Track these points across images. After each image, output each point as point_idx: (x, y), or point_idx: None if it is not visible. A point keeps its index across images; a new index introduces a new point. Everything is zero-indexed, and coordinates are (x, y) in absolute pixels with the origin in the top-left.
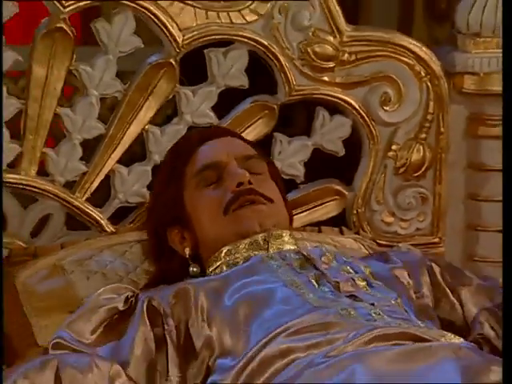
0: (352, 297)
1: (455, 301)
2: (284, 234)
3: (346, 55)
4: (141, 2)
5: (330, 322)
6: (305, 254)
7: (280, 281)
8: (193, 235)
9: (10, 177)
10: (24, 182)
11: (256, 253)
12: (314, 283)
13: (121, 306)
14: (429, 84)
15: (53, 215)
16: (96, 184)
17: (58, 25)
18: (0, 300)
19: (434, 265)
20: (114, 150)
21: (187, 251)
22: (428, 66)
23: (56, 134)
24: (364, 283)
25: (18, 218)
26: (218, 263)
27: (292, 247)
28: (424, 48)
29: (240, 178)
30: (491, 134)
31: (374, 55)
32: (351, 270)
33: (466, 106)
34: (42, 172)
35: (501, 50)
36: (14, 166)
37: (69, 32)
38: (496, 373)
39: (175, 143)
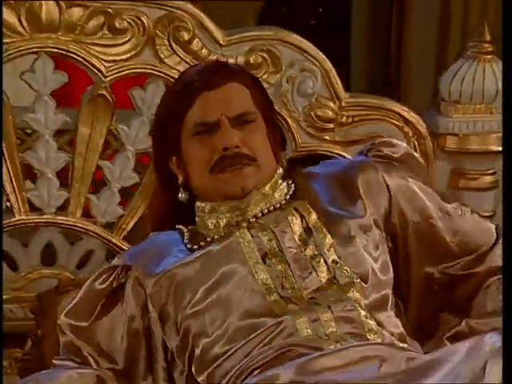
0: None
1: None
2: (259, 200)
3: (344, 118)
4: (170, 73)
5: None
6: (275, 245)
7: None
8: (185, 172)
9: (59, 218)
10: (71, 223)
11: (235, 218)
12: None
13: (114, 284)
14: (416, 143)
15: (95, 251)
16: (131, 225)
17: (100, 92)
18: (0, 300)
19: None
20: (147, 196)
21: (180, 179)
22: (415, 127)
23: (98, 183)
24: (325, 274)
25: (66, 253)
26: (203, 213)
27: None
28: (411, 112)
29: (227, 143)
30: (470, 186)
31: (368, 118)
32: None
33: (448, 163)
34: (86, 214)
35: (477, 115)
36: (63, 209)
37: (109, 98)
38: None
39: (178, 81)
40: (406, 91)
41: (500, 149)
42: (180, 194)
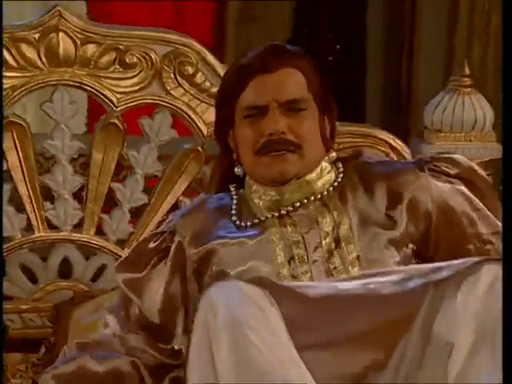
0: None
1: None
2: (300, 188)
3: (335, 145)
4: (175, 103)
5: None
6: (302, 252)
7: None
8: (237, 150)
9: (75, 235)
10: (85, 240)
11: (274, 204)
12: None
13: (163, 246)
14: None
15: (108, 265)
16: None
17: (112, 120)
18: (0, 304)
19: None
20: (155, 215)
21: (234, 155)
22: (400, 153)
23: (110, 203)
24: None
25: (81, 267)
26: (250, 189)
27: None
28: (397, 140)
29: (273, 128)
30: None
31: (357, 145)
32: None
33: None
34: (99, 232)
35: (457, 142)
36: (78, 227)
37: (120, 126)
38: None
39: (237, 62)
40: (416, 118)
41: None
42: (236, 168)
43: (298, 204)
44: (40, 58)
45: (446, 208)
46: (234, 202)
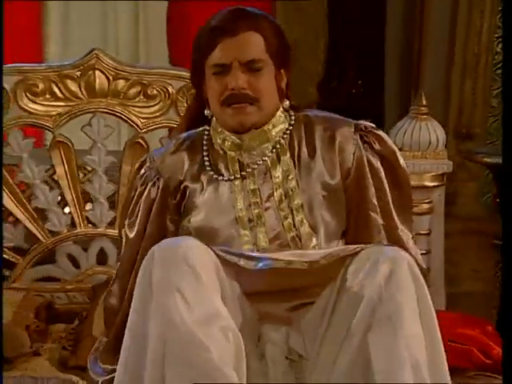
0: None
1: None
2: (257, 136)
3: None
4: None
5: None
6: (258, 200)
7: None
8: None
9: (109, 231)
10: (117, 234)
11: (232, 153)
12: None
13: (153, 195)
14: None
15: None
16: None
17: (137, 140)
18: (0, 301)
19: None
20: None
21: (206, 100)
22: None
23: None
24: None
25: (114, 256)
26: (215, 130)
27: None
28: None
29: (234, 84)
30: (420, 211)
31: None
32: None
33: None
34: None
35: (415, 160)
36: (111, 224)
37: (144, 144)
38: None
39: (209, 24)
40: None
41: (432, 184)
42: (206, 110)
43: (255, 152)
44: (81, 91)
45: (360, 170)
46: (205, 143)
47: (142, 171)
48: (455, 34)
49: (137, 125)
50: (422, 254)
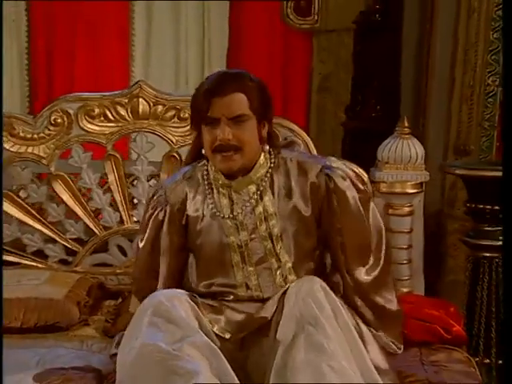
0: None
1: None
2: (243, 182)
3: None
4: None
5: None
6: (238, 222)
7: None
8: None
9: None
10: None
11: (223, 190)
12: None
13: (161, 217)
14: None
15: None
16: None
17: (173, 154)
18: (0, 301)
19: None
20: None
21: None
22: (359, 176)
23: None
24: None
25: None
26: (211, 168)
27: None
28: (359, 168)
29: (221, 136)
30: (396, 214)
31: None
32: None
33: (382, 199)
34: None
35: (398, 171)
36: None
37: (177, 157)
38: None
39: (203, 86)
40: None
41: (413, 191)
42: (203, 150)
43: (242, 192)
44: (128, 114)
45: (328, 203)
46: (205, 177)
47: (155, 197)
48: (454, 71)
49: (172, 141)
50: (404, 248)
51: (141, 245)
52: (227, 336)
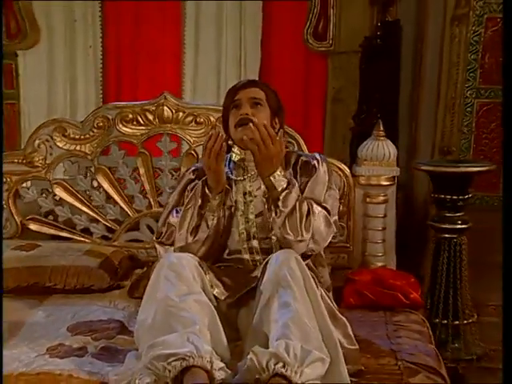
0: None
1: None
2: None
3: None
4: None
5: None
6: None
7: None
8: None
9: None
10: None
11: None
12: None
13: (192, 176)
14: (345, 180)
15: None
16: None
17: (190, 151)
18: (0, 302)
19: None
20: None
21: (228, 134)
22: (344, 172)
23: None
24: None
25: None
26: (233, 147)
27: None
28: (343, 165)
29: (243, 112)
30: (372, 202)
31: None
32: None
33: (361, 190)
34: None
35: (375, 167)
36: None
37: (194, 155)
38: None
39: (230, 89)
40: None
41: (387, 183)
42: (229, 141)
43: (253, 172)
44: (154, 119)
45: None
46: (230, 163)
47: (191, 170)
48: (440, 86)
49: (190, 141)
50: (379, 230)
51: (174, 199)
52: (223, 297)
